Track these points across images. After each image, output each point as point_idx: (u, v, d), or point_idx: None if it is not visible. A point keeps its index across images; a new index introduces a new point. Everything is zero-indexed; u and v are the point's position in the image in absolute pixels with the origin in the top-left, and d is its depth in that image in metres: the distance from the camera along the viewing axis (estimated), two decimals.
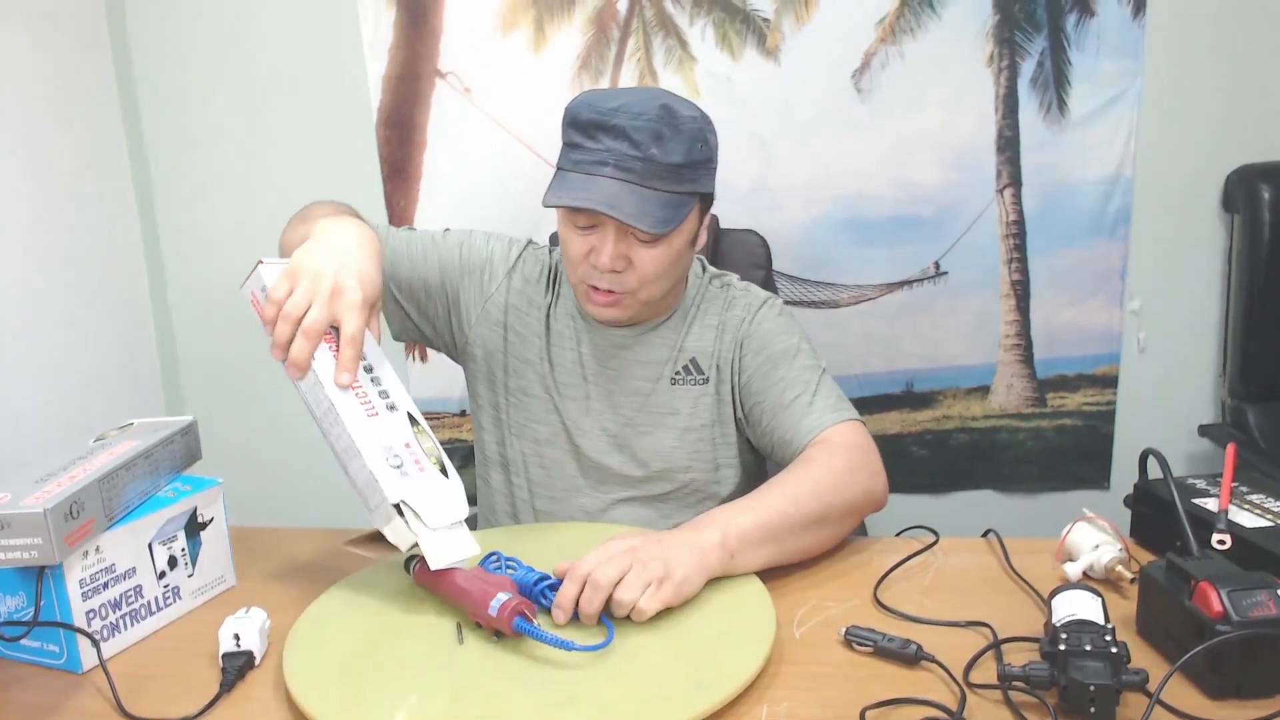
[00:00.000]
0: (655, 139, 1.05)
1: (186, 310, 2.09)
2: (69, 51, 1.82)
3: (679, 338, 1.21)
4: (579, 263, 1.12)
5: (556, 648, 0.82)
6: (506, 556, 0.97)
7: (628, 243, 1.09)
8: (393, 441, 0.90)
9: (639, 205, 1.04)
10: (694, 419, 1.20)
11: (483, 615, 0.85)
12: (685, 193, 1.08)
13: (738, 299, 1.23)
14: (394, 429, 0.92)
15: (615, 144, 1.05)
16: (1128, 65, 1.84)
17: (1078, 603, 0.81)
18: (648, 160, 1.05)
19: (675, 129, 1.06)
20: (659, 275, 1.11)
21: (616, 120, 1.05)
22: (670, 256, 1.11)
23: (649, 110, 1.05)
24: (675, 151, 1.05)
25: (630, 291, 1.12)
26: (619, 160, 1.05)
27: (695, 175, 1.09)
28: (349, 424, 0.89)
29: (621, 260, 1.09)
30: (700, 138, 1.08)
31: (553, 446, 1.23)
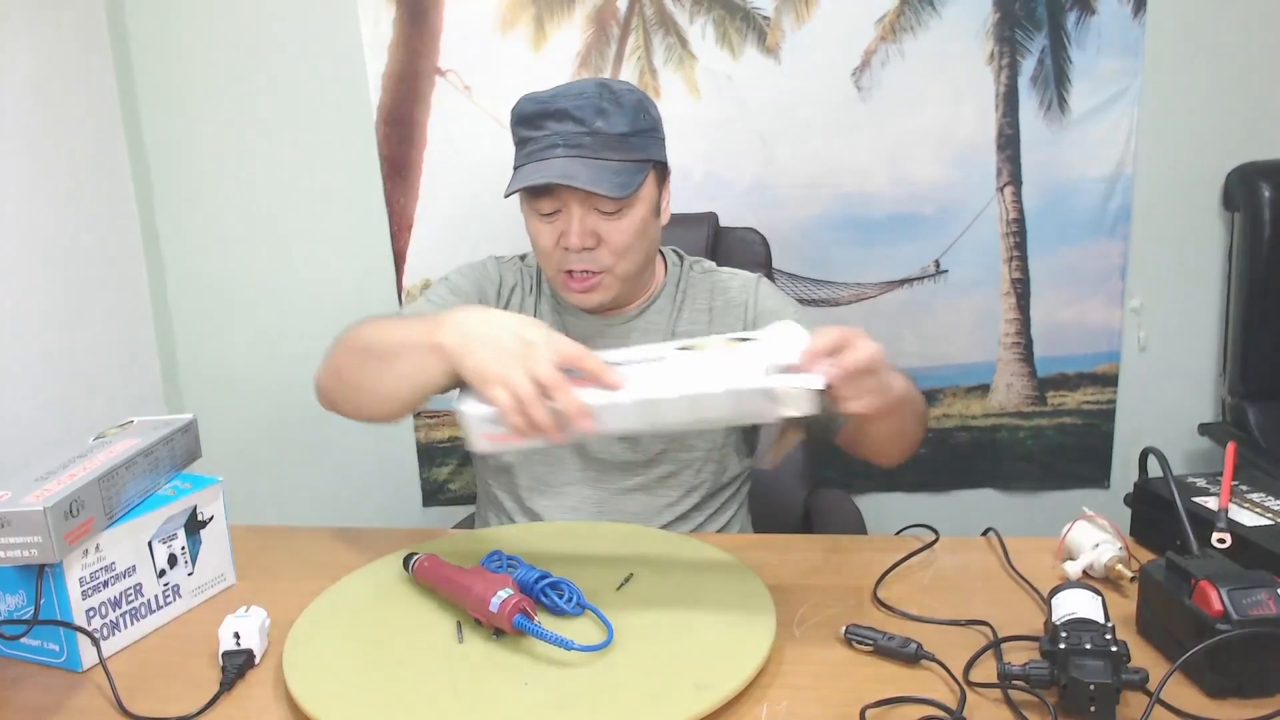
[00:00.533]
0: (598, 113, 1.09)
1: (186, 310, 2.09)
2: (69, 51, 1.82)
3: (669, 322, 1.23)
4: (551, 251, 1.14)
5: (557, 646, 0.82)
6: (508, 555, 0.97)
7: (593, 218, 1.11)
8: (699, 368, 0.87)
9: (594, 174, 1.07)
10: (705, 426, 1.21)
11: (484, 612, 0.85)
12: (637, 160, 1.11)
13: (727, 282, 1.25)
14: (683, 366, 0.88)
15: (561, 126, 1.09)
16: (1128, 63, 1.84)
17: (1078, 601, 0.81)
18: (594, 134, 1.09)
19: (615, 102, 1.10)
20: (628, 246, 1.13)
21: (558, 104, 1.10)
22: (636, 226, 1.13)
23: (587, 89, 1.10)
24: (619, 122, 1.09)
25: (606, 269, 1.14)
26: (567, 139, 1.09)
27: (643, 143, 1.12)
28: (689, 386, 0.85)
29: (590, 236, 1.11)
30: (641, 108, 1.13)
31: (552, 453, 1.22)
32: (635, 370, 0.88)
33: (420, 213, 1.99)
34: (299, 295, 2.06)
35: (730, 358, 0.88)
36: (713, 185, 1.92)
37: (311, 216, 2.03)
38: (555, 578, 0.92)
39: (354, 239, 2.02)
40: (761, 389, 0.82)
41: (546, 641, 0.82)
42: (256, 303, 2.08)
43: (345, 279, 2.05)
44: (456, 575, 0.91)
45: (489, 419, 0.86)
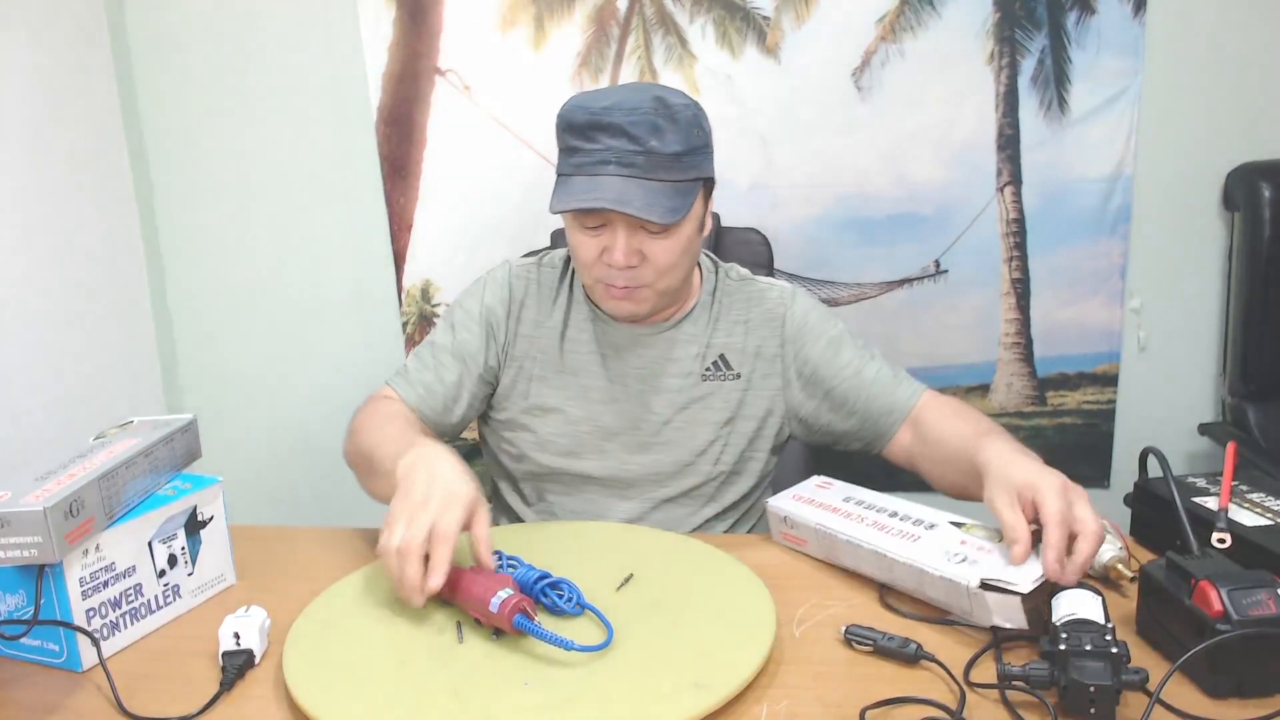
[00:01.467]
0: (653, 131, 1.05)
1: (186, 310, 2.09)
2: (69, 51, 1.82)
3: (706, 334, 1.22)
4: (593, 264, 1.12)
5: (556, 646, 0.82)
6: (508, 555, 0.97)
7: (639, 237, 1.09)
8: (947, 547, 0.93)
9: (647, 198, 1.05)
10: (724, 412, 1.21)
11: (483, 612, 0.85)
12: (689, 180, 1.09)
13: (764, 293, 1.24)
14: (941, 539, 0.95)
15: (614, 141, 1.05)
16: (1128, 63, 1.84)
17: (1078, 602, 0.81)
18: (649, 153, 1.05)
19: (671, 119, 1.06)
20: (672, 265, 1.12)
21: (612, 118, 1.05)
22: (682, 244, 1.11)
23: (643, 104, 1.05)
24: (674, 141, 1.06)
25: (647, 284, 1.12)
26: (620, 157, 1.05)
27: (696, 161, 1.09)
28: (904, 557, 0.93)
29: (635, 255, 1.09)
30: (696, 124, 1.09)
31: (577, 458, 1.22)
32: (902, 525, 0.99)
33: (420, 213, 1.99)
34: (299, 295, 2.06)
35: (991, 555, 0.91)
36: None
37: (311, 216, 2.03)
38: (555, 578, 0.92)
39: (354, 239, 2.02)
40: (976, 593, 0.86)
41: (546, 642, 0.82)
42: (256, 303, 2.08)
43: (345, 279, 2.05)
44: (456, 575, 0.90)
45: None
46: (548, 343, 1.22)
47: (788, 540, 1.08)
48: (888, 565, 0.95)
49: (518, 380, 1.23)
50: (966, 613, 0.88)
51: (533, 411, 1.22)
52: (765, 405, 1.22)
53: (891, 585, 0.96)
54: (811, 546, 1.04)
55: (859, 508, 1.04)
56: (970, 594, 0.86)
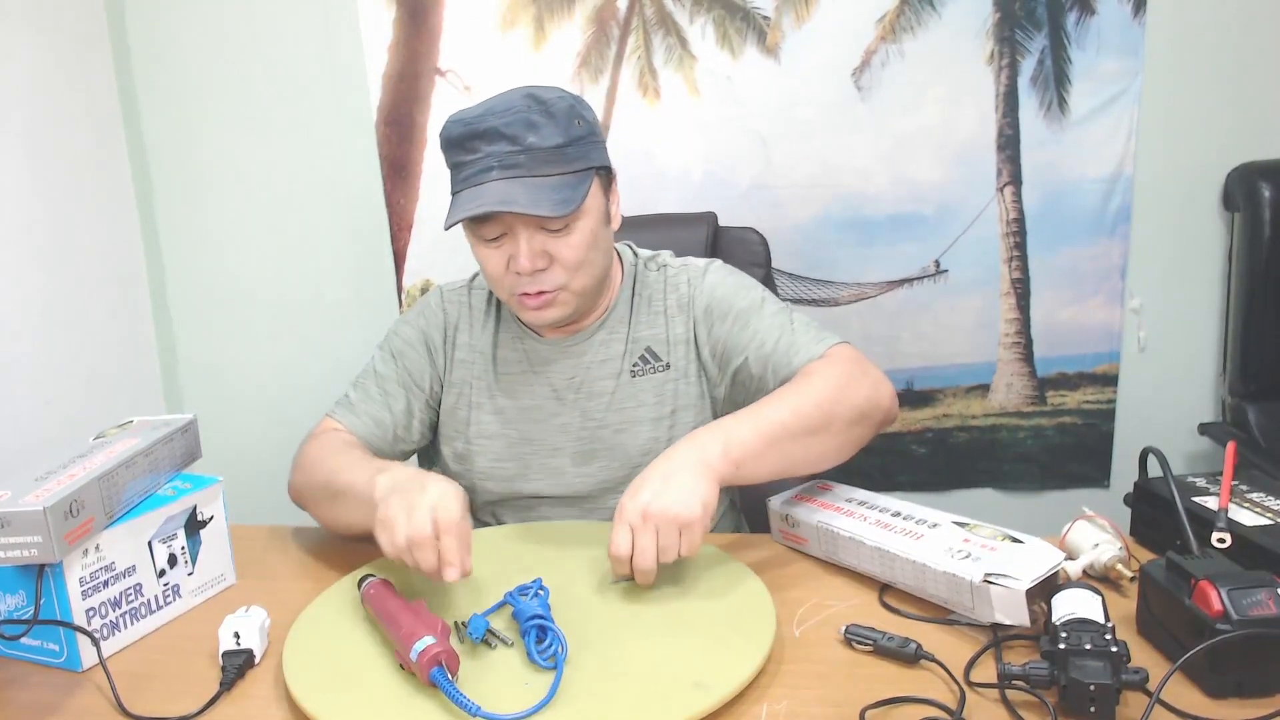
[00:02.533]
0: (529, 128, 1.04)
1: (186, 310, 2.09)
2: (69, 51, 1.82)
3: (628, 329, 1.20)
4: (502, 276, 1.10)
5: (463, 710, 0.76)
6: (543, 587, 0.93)
7: (540, 238, 1.07)
8: (950, 544, 0.93)
9: (533, 194, 1.03)
10: (660, 407, 1.19)
11: (405, 658, 0.81)
12: (577, 170, 1.07)
13: (676, 277, 1.21)
14: (943, 537, 0.95)
15: (492, 147, 1.04)
16: (1128, 64, 1.84)
17: (1078, 601, 0.81)
18: (528, 150, 1.04)
19: (546, 113, 1.05)
20: (581, 262, 1.09)
21: (487, 123, 1.04)
22: (587, 240, 1.09)
23: (515, 104, 1.05)
24: (553, 134, 1.05)
25: (561, 286, 1.10)
26: (501, 160, 1.04)
27: (582, 151, 1.07)
28: (906, 553, 0.94)
29: (541, 258, 1.07)
30: (575, 114, 1.08)
31: (525, 480, 1.20)
32: (905, 525, 0.99)
33: (420, 213, 1.99)
34: (299, 295, 2.06)
35: (994, 553, 0.91)
36: (713, 185, 1.92)
37: (311, 216, 2.03)
38: (549, 625, 0.85)
39: (354, 239, 2.02)
40: (979, 587, 0.87)
41: (454, 703, 0.76)
42: (256, 303, 2.08)
43: (345, 279, 2.05)
44: (393, 610, 0.87)
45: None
46: (482, 367, 1.22)
47: (788, 540, 1.08)
48: (889, 562, 0.95)
49: (457, 406, 1.23)
50: (968, 609, 0.88)
51: (475, 441, 1.21)
52: (698, 391, 1.20)
53: (893, 584, 0.96)
54: (812, 545, 1.05)
55: (861, 507, 1.04)
56: (973, 589, 0.86)
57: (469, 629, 0.87)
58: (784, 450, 1.00)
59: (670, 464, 0.94)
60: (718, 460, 0.95)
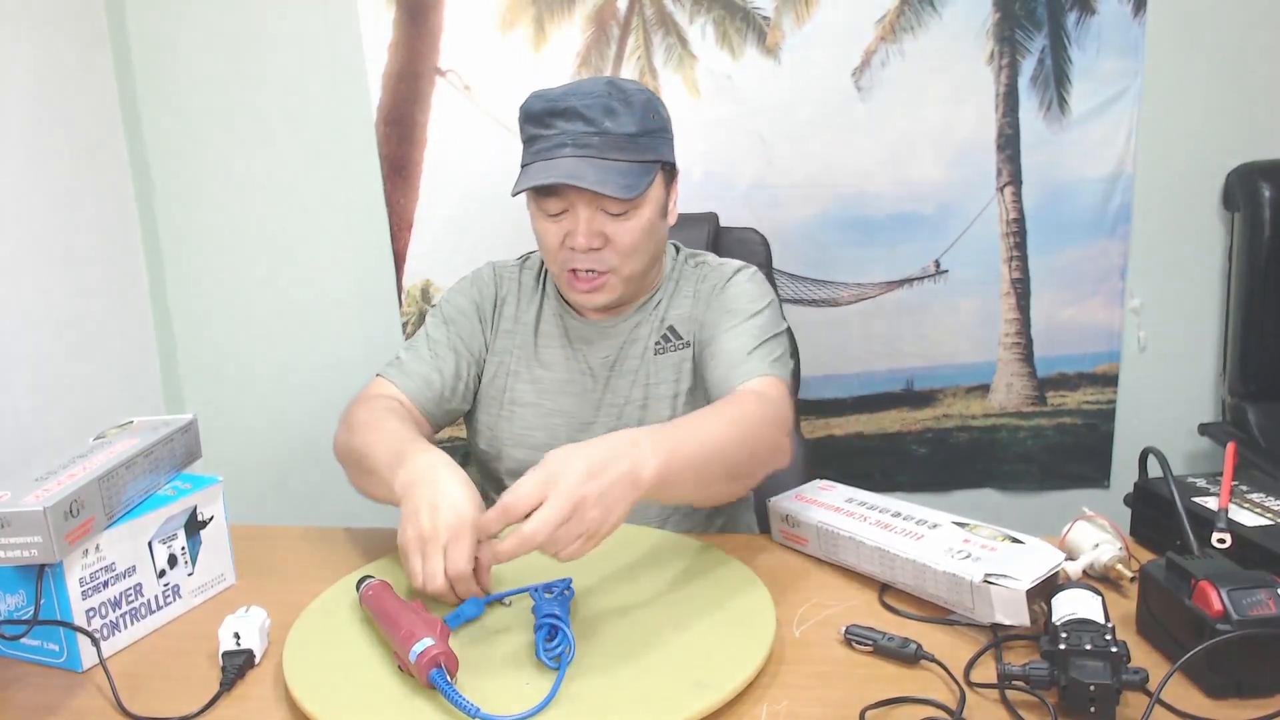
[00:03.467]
0: (607, 113, 1.08)
1: (186, 310, 2.09)
2: (69, 51, 1.82)
3: (660, 312, 1.23)
4: (557, 251, 1.14)
5: (462, 712, 0.75)
6: (569, 588, 0.92)
7: (600, 219, 1.10)
8: (950, 545, 0.94)
9: (601, 174, 1.06)
10: (679, 384, 1.21)
11: (404, 659, 0.81)
12: (646, 160, 1.10)
13: (713, 271, 1.25)
14: (944, 537, 0.95)
15: (570, 125, 1.08)
16: (1128, 63, 1.84)
17: (1078, 601, 0.81)
18: (603, 134, 1.08)
19: (625, 102, 1.09)
20: (635, 248, 1.13)
21: (568, 103, 1.08)
22: (644, 227, 1.12)
23: (597, 89, 1.09)
24: (629, 122, 1.08)
25: (612, 270, 1.14)
26: (575, 139, 1.08)
27: (653, 143, 1.11)
28: (906, 553, 0.94)
29: (598, 237, 1.11)
30: (651, 108, 1.12)
31: (549, 451, 1.21)
32: (905, 525, 0.99)
33: (420, 213, 1.99)
34: (299, 295, 2.06)
35: (995, 553, 0.91)
36: (713, 185, 1.92)
37: (311, 216, 2.03)
38: (564, 625, 0.84)
39: (354, 239, 2.02)
40: (980, 587, 0.87)
41: (454, 705, 0.76)
42: (256, 303, 2.08)
43: (345, 279, 2.05)
44: (392, 611, 0.87)
45: None
46: (524, 339, 1.26)
47: (788, 539, 1.08)
48: (890, 562, 0.95)
49: (497, 375, 1.26)
50: (968, 610, 0.88)
51: (508, 406, 1.25)
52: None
53: (893, 584, 0.96)
54: (812, 545, 1.05)
55: (861, 508, 1.04)
56: (973, 589, 0.86)
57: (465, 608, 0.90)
58: (706, 484, 0.96)
59: (611, 459, 0.86)
60: (647, 487, 0.87)
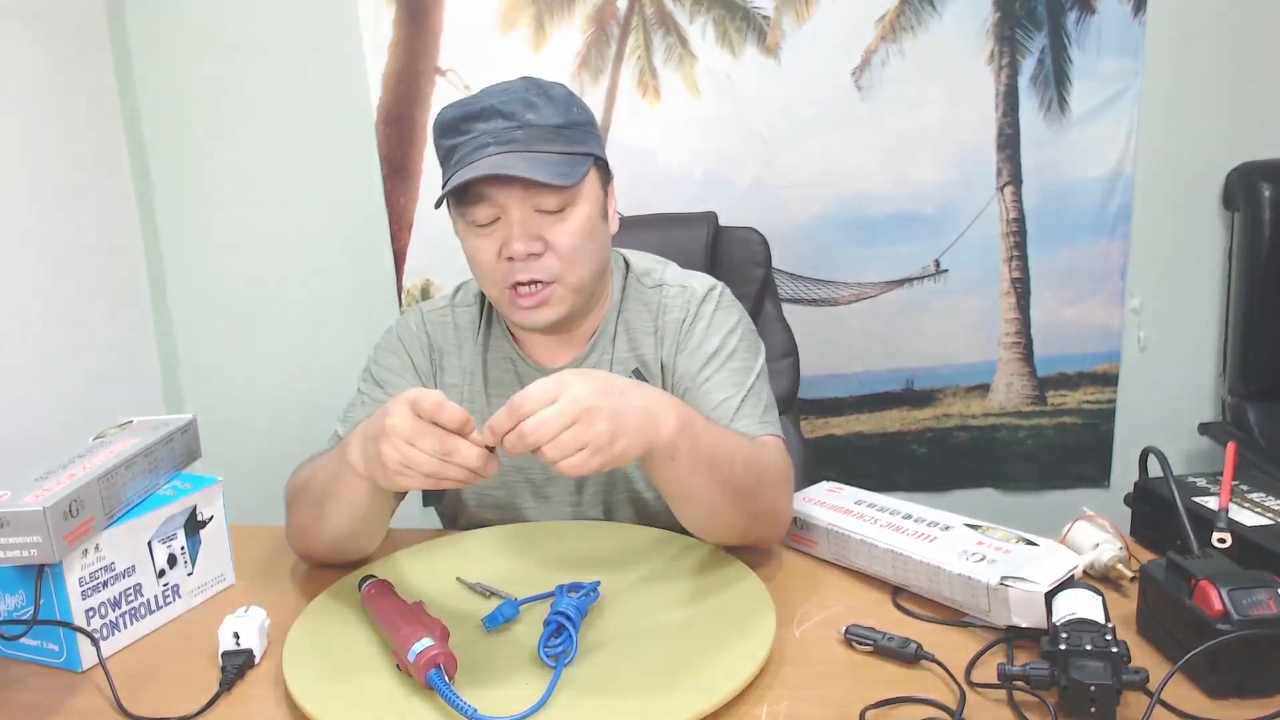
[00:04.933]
0: (527, 106, 1.00)
1: (186, 310, 2.09)
2: (69, 51, 1.82)
3: (617, 349, 1.14)
4: (494, 267, 1.04)
5: (459, 713, 0.75)
6: (595, 590, 0.91)
7: (535, 221, 1.01)
8: (964, 547, 0.93)
9: (530, 164, 0.98)
10: None
11: (402, 658, 0.81)
12: (576, 153, 1.02)
13: (674, 300, 1.14)
14: (957, 540, 0.95)
15: (488, 125, 1.00)
16: (1128, 63, 1.84)
17: (1078, 602, 0.81)
18: (526, 126, 0.99)
19: (545, 95, 1.02)
20: (578, 251, 1.03)
21: (483, 103, 1.01)
22: (584, 228, 1.03)
23: (513, 85, 1.02)
24: (551, 114, 1.01)
25: (556, 279, 1.03)
26: (497, 136, 0.99)
27: (581, 136, 1.03)
28: (920, 555, 0.93)
29: (536, 241, 1.01)
30: (574, 102, 1.04)
31: (515, 510, 1.17)
32: (917, 527, 0.98)
33: (420, 213, 1.99)
34: (299, 295, 2.06)
35: (1010, 555, 0.90)
36: (713, 185, 1.92)
37: (311, 216, 2.03)
38: (571, 625, 0.84)
39: (354, 239, 2.02)
40: (996, 589, 0.86)
41: (452, 706, 0.76)
42: (256, 302, 2.07)
43: (345, 279, 2.05)
44: (392, 611, 0.87)
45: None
46: (473, 389, 1.16)
47: (797, 543, 1.08)
48: (902, 565, 0.95)
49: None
50: (984, 613, 0.88)
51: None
52: None
53: (905, 586, 0.96)
54: (822, 548, 1.04)
55: (871, 510, 1.04)
56: (990, 591, 0.86)
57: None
58: (710, 484, 0.91)
59: (635, 388, 0.85)
60: (665, 436, 0.84)
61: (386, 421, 0.81)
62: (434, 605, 0.90)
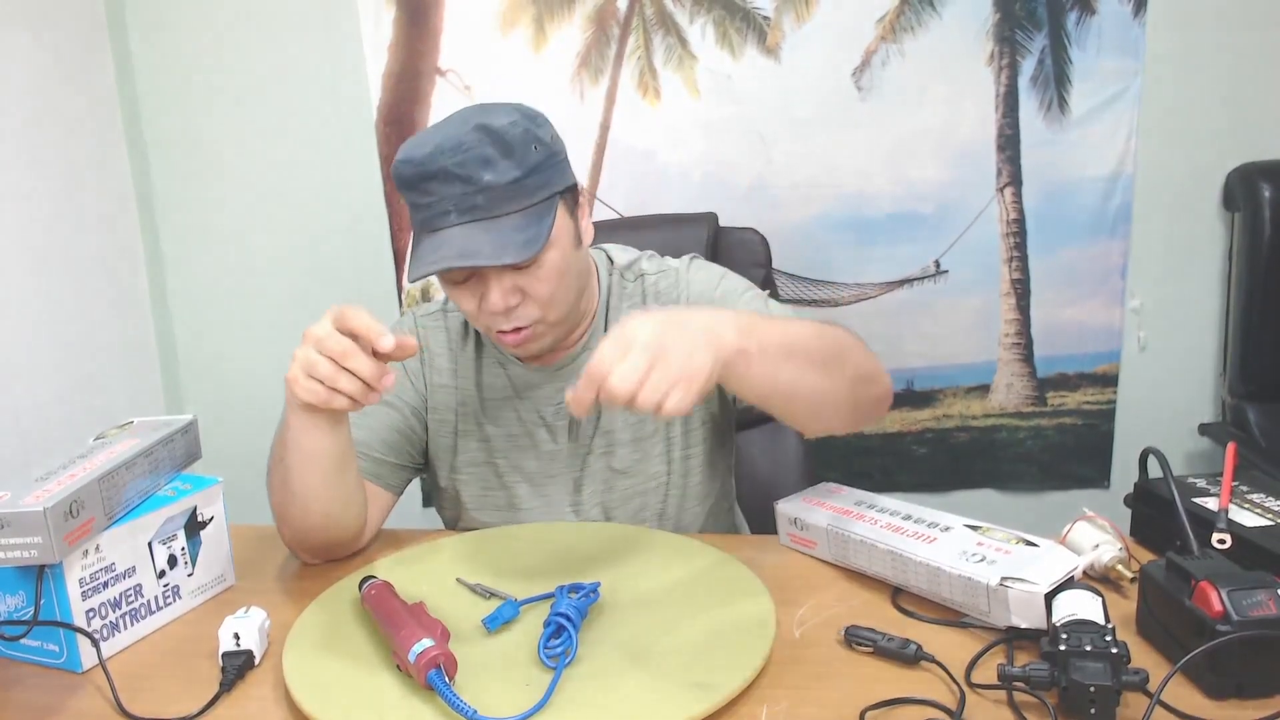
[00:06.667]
0: (484, 165, 0.98)
1: (186, 310, 2.09)
2: (69, 51, 1.82)
3: None
4: (477, 316, 1.06)
5: (460, 714, 0.75)
6: (595, 591, 0.91)
7: (509, 277, 1.02)
8: (964, 548, 0.93)
9: (496, 241, 0.98)
10: (641, 427, 1.15)
11: (402, 659, 0.81)
12: (539, 202, 1.01)
13: (657, 283, 1.16)
14: (957, 540, 0.95)
15: (447, 189, 0.99)
16: (1128, 63, 1.84)
17: (1078, 602, 0.81)
18: (486, 190, 0.98)
19: (500, 144, 0.99)
20: (553, 293, 1.04)
21: (437, 164, 0.99)
22: (557, 271, 1.03)
23: (465, 139, 0.99)
24: (509, 168, 0.98)
25: (537, 320, 1.05)
26: (458, 203, 0.99)
27: (543, 180, 1.01)
28: (920, 556, 0.93)
29: (514, 294, 1.02)
30: (529, 140, 1.01)
31: (516, 510, 1.18)
32: (917, 528, 0.98)
33: None
34: (299, 295, 2.06)
35: (1010, 556, 0.90)
36: (713, 185, 1.93)
37: (311, 216, 2.03)
38: (571, 626, 0.84)
39: (354, 239, 2.02)
40: (996, 590, 0.86)
41: (452, 708, 0.76)
42: (256, 302, 2.08)
43: (345, 279, 2.05)
44: (393, 612, 0.87)
45: None
46: (465, 394, 1.17)
47: (796, 543, 1.08)
48: (902, 566, 0.95)
49: (440, 434, 1.18)
50: (984, 613, 0.88)
51: (463, 470, 1.18)
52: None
53: (905, 587, 0.96)
54: (822, 549, 1.04)
55: (871, 510, 1.04)
56: (990, 592, 0.86)
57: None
58: (794, 368, 0.92)
59: (687, 315, 0.86)
60: (731, 345, 0.85)
61: (308, 329, 0.90)
62: (434, 606, 0.90)
